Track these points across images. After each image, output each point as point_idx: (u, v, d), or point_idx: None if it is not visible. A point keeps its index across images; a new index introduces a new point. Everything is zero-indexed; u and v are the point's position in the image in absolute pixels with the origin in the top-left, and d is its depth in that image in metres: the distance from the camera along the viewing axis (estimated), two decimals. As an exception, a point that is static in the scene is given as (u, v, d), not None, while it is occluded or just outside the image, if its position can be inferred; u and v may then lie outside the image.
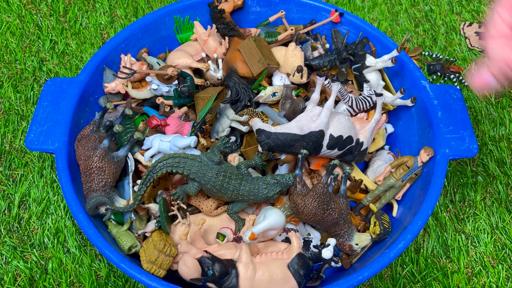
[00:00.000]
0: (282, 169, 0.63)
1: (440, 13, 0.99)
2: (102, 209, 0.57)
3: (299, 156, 0.58)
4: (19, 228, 0.68)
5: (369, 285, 0.65)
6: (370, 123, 0.62)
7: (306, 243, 0.57)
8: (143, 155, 0.61)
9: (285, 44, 0.73)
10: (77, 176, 0.59)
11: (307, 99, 0.69)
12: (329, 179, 0.59)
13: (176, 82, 0.67)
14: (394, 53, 0.66)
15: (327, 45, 0.71)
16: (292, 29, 0.72)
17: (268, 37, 0.72)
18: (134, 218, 0.59)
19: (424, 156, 0.61)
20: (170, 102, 0.66)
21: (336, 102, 0.68)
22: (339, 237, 0.59)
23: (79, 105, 0.63)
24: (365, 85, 0.67)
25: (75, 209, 0.54)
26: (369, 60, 0.69)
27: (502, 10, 0.38)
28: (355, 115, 0.67)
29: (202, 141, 0.61)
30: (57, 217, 0.69)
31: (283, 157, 0.61)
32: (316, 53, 0.71)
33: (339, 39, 0.73)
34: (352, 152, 0.61)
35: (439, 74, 0.88)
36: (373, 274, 0.51)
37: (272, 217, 0.54)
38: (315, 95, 0.60)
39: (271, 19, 0.75)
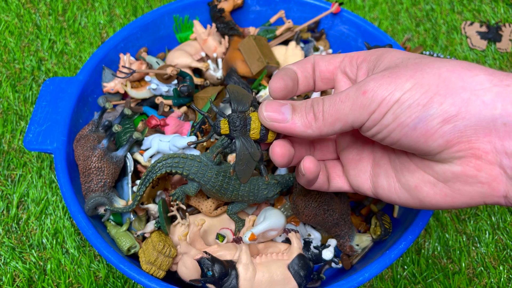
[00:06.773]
0: (282, 170, 0.63)
1: (441, 12, 0.98)
2: (101, 210, 0.57)
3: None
4: (17, 228, 0.67)
5: (370, 286, 0.65)
6: None
7: (307, 243, 0.57)
8: (142, 155, 0.60)
9: (286, 43, 0.73)
10: (76, 177, 0.58)
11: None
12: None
13: (175, 81, 0.67)
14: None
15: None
16: (289, 21, 0.71)
17: (267, 33, 0.72)
18: (133, 218, 0.59)
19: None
20: (170, 102, 0.66)
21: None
22: (340, 237, 0.59)
23: (78, 105, 0.63)
24: None
25: (74, 209, 0.53)
26: None
27: None
28: None
29: (202, 141, 0.61)
30: (56, 217, 0.68)
31: None
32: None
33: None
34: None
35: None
36: (374, 275, 0.50)
37: (272, 218, 0.54)
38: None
39: (272, 20, 0.74)
